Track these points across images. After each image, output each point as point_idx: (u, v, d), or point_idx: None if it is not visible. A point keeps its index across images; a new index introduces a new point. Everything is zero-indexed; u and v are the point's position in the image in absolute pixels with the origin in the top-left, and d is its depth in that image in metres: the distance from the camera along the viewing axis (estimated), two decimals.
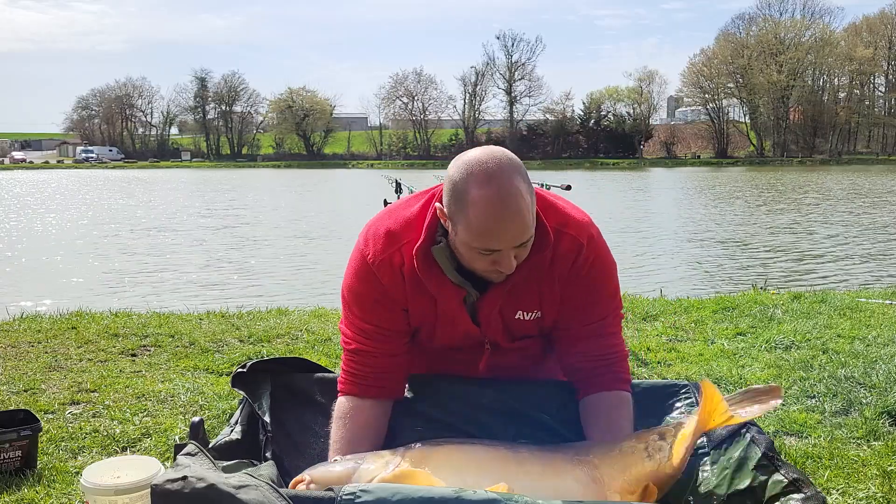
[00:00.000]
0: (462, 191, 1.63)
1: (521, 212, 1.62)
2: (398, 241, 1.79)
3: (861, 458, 2.71)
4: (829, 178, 41.92)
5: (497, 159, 1.64)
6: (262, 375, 1.98)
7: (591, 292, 1.85)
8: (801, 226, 17.82)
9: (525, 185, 1.64)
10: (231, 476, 1.36)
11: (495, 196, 1.60)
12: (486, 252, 1.66)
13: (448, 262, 1.76)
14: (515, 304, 1.84)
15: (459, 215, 1.64)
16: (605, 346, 1.88)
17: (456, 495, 1.30)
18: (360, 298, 1.85)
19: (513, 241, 1.64)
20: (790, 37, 78.46)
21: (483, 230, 1.61)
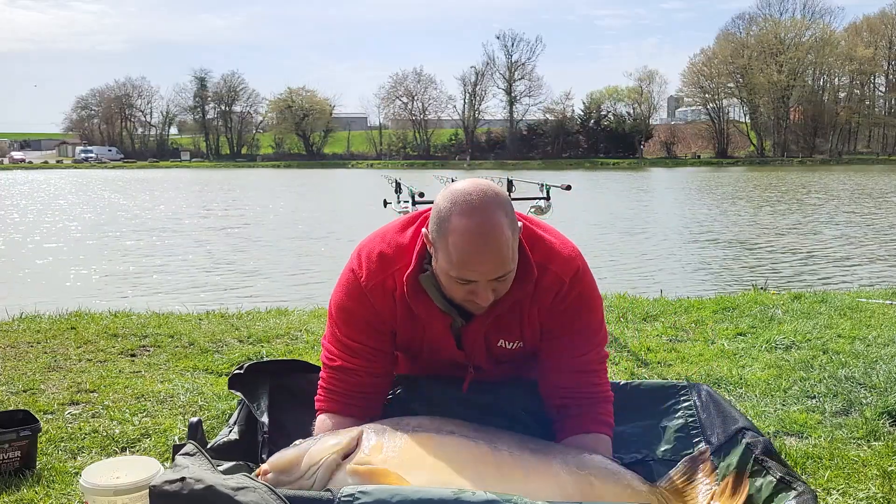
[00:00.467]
0: (444, 219, 1.65)
1: (500, 247, 1.62)
2: (391, 265, 1.81)
3: (861, 459, 2.71)
4: (831, 178, 41.92)
5: (482, 192, 1.66)
6: (259, 377, 1.98)
7: (573, 327, 1.84)
8: (803, 226, 17.82)
9: (507, 221, 1.65)
10: (229, 477, 1.36)
11: (475, 228, 1.61)
12: (463, 282, 1.67)
13: (435, 289, 1.77)
14: (498, 332, 1.85)
15: (440, 243, 1.66)
16: (587, 384, 1.86)
17: (455, 497, 1.30)
18: (350, 317, 1.85)
19: (489, 274, 1.65)
20: (790, 37, 78.46)
21: (460, 260, 1.63)
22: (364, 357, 1.85)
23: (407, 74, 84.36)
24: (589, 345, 1.88)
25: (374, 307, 1.83)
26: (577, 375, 1.86)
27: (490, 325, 1.82)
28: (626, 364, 4.01)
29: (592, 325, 1.89)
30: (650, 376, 3.82)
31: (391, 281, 1.81)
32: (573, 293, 1.82)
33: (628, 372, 3.88)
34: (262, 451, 1.82)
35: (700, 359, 4.09)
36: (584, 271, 1.87)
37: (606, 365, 1.95)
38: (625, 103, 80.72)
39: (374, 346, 1.86)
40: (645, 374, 3.86)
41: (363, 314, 1.84)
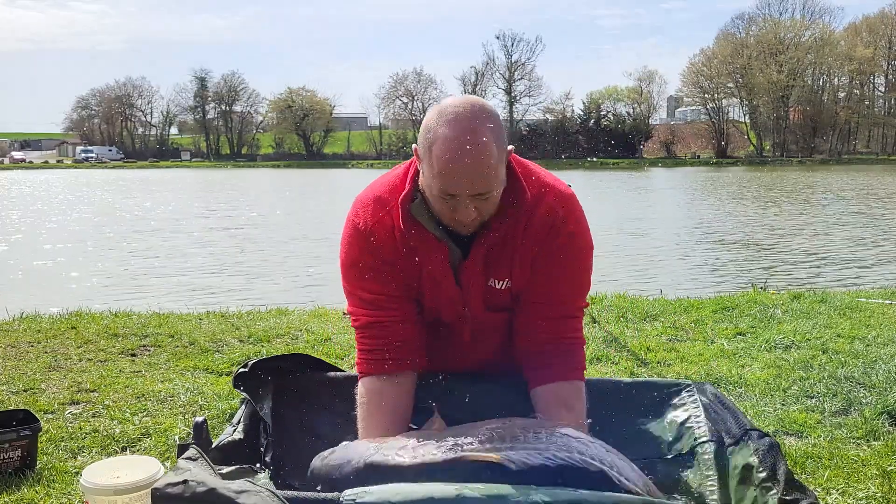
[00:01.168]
0: (430, 129, 1.63)
1: (482, 160, 1.59)
2: (387, 204, 1.79)
3: (861, 458, 2.71)
4: (831, 178, 41.91)
5: (471, 106, 1.64)
6: (264, 375, 1.97)
7: (562, 266, 1.80)
8: (803, 226, 17.82)
9: (493, 137, 1.62)
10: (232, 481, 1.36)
11: (458, 138, 1.58)
12: (446, 197, 1.64)
13: (427, 216, 1.74)
14: (489, 271, 1.81)
15: (426, 155, 1.64)
16: (564, 329, 1.83)
17: (457, 493, 1.30)
18: (359, 268, 1.82)
19: (469, 187, 1.62)
20: (790, 37, 78.47)
21: (441, 171, 1.60)
22: (384, 307, 1.81)
23: (407, 74, 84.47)
24: (575, 290, 1.85)
25: (377, 249, 1.79)
26: (559, 321, 1.82)
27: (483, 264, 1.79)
28: (626, 364, 4.01)
29: (581, 269, 1.85)
30: (650, 376, 3.82)
31: (388, 219, 1.78)
32: (566, 229, 1.79)
33: (628, 372, 3.89)
34: (266, 452, 1.82)
35: (700, 358, 4.10)
36: (580, 212, 1.84)
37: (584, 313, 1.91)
38: (624, 103, 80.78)
39: (391, 293, 1.81)
40: (645, 374, 3.86)
41: (370, 261, 1.80)
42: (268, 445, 1.84)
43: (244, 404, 1.91)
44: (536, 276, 1.81)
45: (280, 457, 1.85)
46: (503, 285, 1.83)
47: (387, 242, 1.79)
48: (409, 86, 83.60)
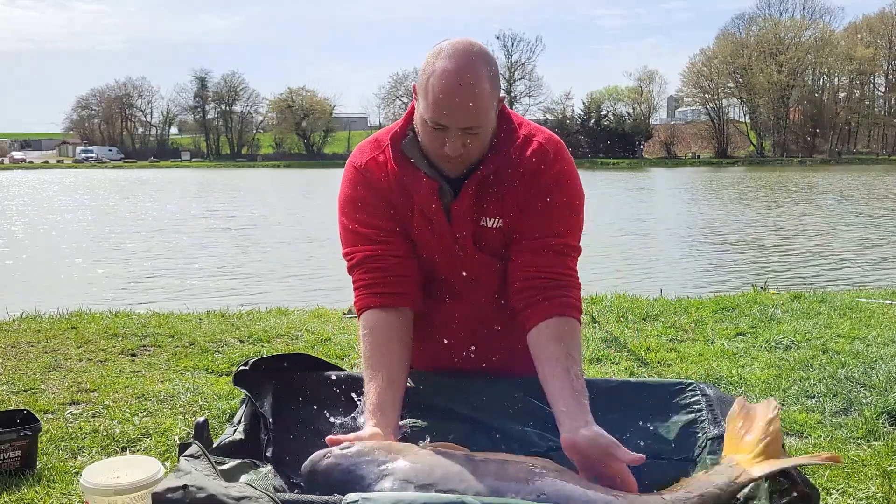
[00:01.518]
0: (429, 62, 1.69)
1: (475, 93, 1.65)
2: (382, 143, 1.86)
3: (861, 458, 2.71)
4: (831, 178, 41.91)
5: (470, 45, 1.70)
6: (264, 373, 1.97)
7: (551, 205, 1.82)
8: (804, 225, 17.82)
9: (487, 74, 1.67)
10: (232, 486, 1.36)
11: (454, 70, 1.64)
12: (437, 128, 1.69)
13: (419, 154, 1.79)
14: (480, 209, 1.82)
15: (422, 87, 1.70)
16: (557, 264, 1.82)
17: (459, 501, 1.29)
18: (355, 205, 1.86)
19: (461, 120, 1.66)
20: (790, 37, 78.49)
21: (435, 101, 1.65)
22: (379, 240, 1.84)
23: (407, 74, 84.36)
24: (565, 226, 1.84)
25: (370, 185, 1.84)
26: (549, 255, 1.81)
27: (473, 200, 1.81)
28: (626, 364, 4.01)
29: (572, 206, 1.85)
30: (650, 376, 3.82)
31: (382, 156, 1.84)
32: (556, 168, 1.82)
33: (628, 372, 3.89)
34: (266, 449, 1.82)
35: (700, 358, 4.10)
36: (568, 156, 1.87)
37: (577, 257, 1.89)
38: (625, 103, 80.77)
39: (385, 228, 1.84)
40: (645, 374, 3.87)
41: (365, 195, 1.85)
42: (268, 440, 1.83)
43: (244, 404, 1.91)
44: (527, 212, 1.83)
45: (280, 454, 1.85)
46: (495, 223, 1.84)
47: (381, 178, 1.84)
48: (409, 86, 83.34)
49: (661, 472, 1.83)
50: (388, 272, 1.83)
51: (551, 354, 1.71)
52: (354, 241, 1.87)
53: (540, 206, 1.82)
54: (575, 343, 1.76)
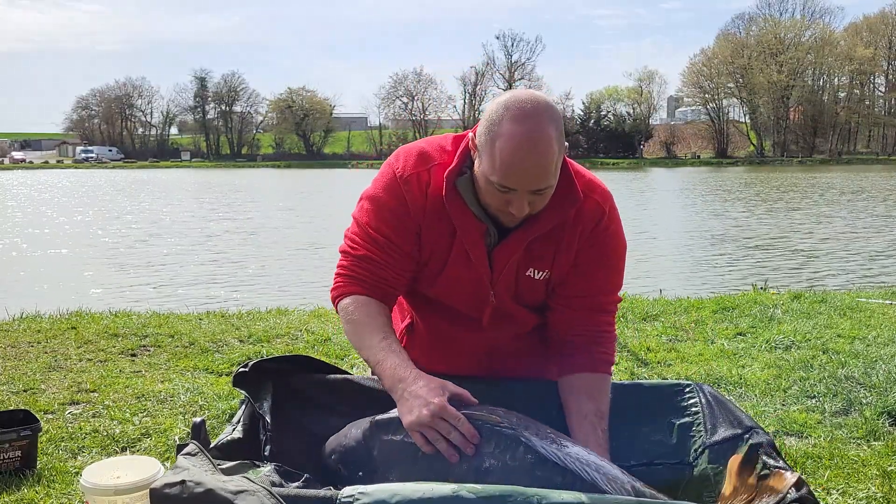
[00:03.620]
0: (495, 122, 1.65)
1: (546, 157, 1.63)
2: (429, 160, 1.81)
3: (861, 458, 2.71)
4: (832, 177, 41.90)
5: (536, 102, 1.66)
6: (264, 375, 1.97)
7: (602, 262, 1.85)
8: (804, 225, 17.82)
9: (556, 135, 1.65)
10: (229, 481, 1.36)
11: (525, 134, 1.61)
12: (503, 189, 1.66)
13: (471, 194, 1.76)
14: (529, 259, 1.83)
15: (487, 146, 1.66)
16: (600, 321, 1.87)
17: (454, 493, 1.29)
18: (380, 208, 1.83)
19: (531, 184, 1.65)
20: (790, 37, 78.47)
21: (505, 165, 1.63)
22: (386, 251, 1.82)
23: (407, 74, 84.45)
24: (612, 284, 1.89)
25: (405, 198, 1.80)
26: (595, 314, 1.87)
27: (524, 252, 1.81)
28: (626, 364, 4.01)
29: (619, 265, 1.90)
30: (650, 376, 3.82)
31: (426, 175, 1.80)
32: (611, 226, 1.84)
33: (628, 372, 3.89)
34: (264, 449, 1.82)
35: (700, 359, 4.10)
36: (617, 212, 1.89)
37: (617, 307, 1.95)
38: (625, 103, 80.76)
39: (399, 244, 1.82)
40: (645, 374, 3.87)
41: (394, 205, 1.81)
42: (267, 440, 1.83)
43: (244, 404, 1.91)
44: (577, 268, 1.85)
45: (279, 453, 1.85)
46: (542, 276, 1.85)
47: (417, 197, 1.81)
48: (409, 86, 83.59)
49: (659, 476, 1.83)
50: (382, 277, 1.83)
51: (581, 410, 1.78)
52: (364, 237, 1.85)
53: (590, 264, 1.84)
54: (606, 399, 1.82)
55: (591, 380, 1.82)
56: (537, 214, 1.75)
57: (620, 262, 1.90)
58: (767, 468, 1.57)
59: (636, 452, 1.85)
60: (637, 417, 1.99)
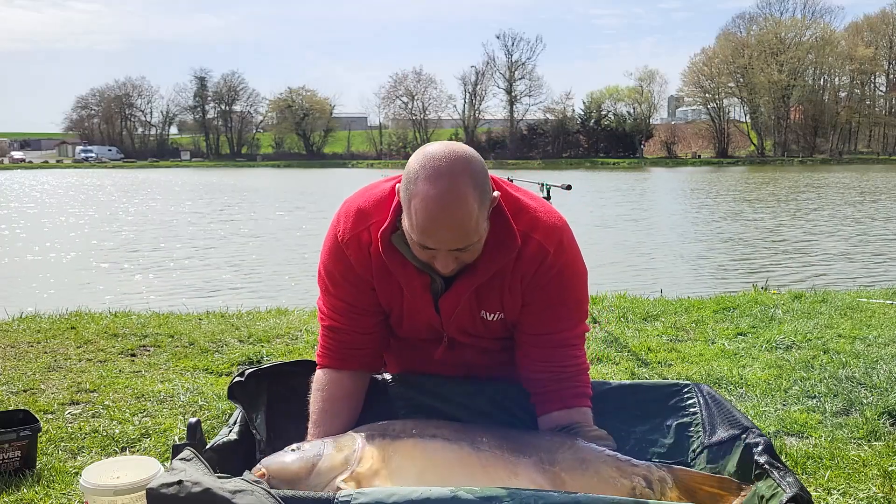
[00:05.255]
0: (411, 181, 1.62)
1: (462, 218, 1.58)
2: (367, 219, 1.80)
3: (862, 459, 2.71)
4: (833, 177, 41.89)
5: (452, 159, 1.60)
6: (260, 385, 1.97)
7: (555, 300, 1.81)
8: (805, 225, 17.81)
9: (474, 192, 1.59)
10: (227, 480, 1.35)
11: (437, 196, 1.57)
12: (424, 248, 1.66)
13: (408, 248, 1.75)
14: (479, 303, 1.82)
15: (406, 204, 1.64)
16: (565, 357, 1.85)
17: (452, 495, 1.30)
18: (331, 275, 1.87)
19: (448, 244, 1.62)
20: (791, 36, 78.41)
21: (419, 227, 1.60)
22: (349, 316, 1.87)
23: (407, 74, 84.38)
24: (571, 319, 1.85)
25: (349, 261, 1.82)
26: (557, 350, 1.84)
27: (471, 298, 1.80)
28: (627, 364, 4.01)
29: (575, 299, 1.85)
30: (650, 376, 3.82)
31: (366, 235, 1.79)
32: (558, 264, 1.79)
33: (628, 372, 3.88)
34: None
35: (700, 359, 4.09)
36: (570, 242, 1.83)
37: (585, 338, 1.92)
38: (625, 103, 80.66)
39: (357, 305, 1.86)
40: (645, 374, 3.86)
41: (342, 271, 1.84)
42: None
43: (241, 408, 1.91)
44: (530, 308, 1.82)
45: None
46: (496, 317, 1.85)
47: (361, 258, 1.81)
48: (409, 85, 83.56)
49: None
50: (351, 344, 1.88)
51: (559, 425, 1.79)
52: (329, 305, 1.91)
53: (543, 304, 1.81)
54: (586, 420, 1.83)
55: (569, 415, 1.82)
56: (475, 262, 1.73)
57: (578, 294, 1.86)
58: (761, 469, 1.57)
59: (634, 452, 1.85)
60: (635, 417, 1.99)
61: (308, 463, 1.58)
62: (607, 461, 1.68)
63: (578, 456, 1.67)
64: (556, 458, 1.66)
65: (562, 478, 1.62)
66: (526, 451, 1.67)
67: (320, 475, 1.56)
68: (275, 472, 1.55)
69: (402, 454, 1.60)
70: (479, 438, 1.67)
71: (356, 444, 1.63)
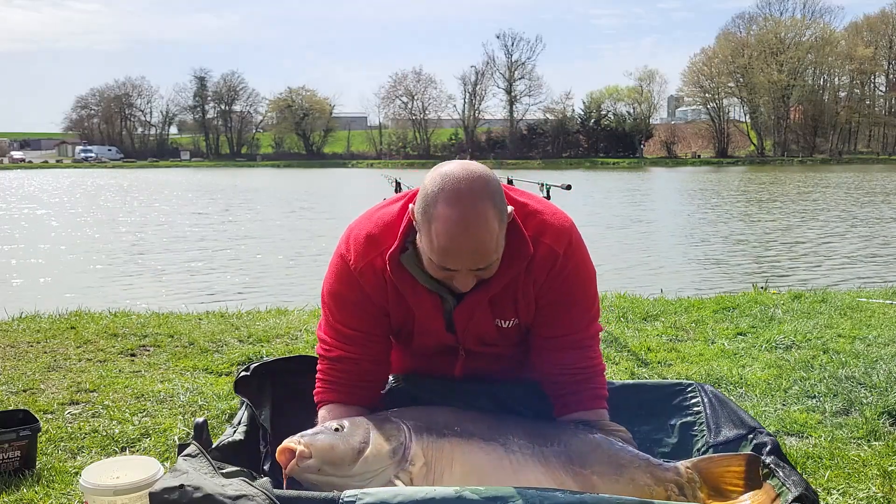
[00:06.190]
0: (430, 204, 1.61)
1: (484, 240, 1.59)
2: (379, 245, 1.78)
3: (861, 459, 2.71)
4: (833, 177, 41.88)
5: (471, 180, 1.61)
6: (265, 379, 1.97)
7: (567, 301, 1.83)
8: (805, 225, 17.81)
9: (494, 212, 1.61)
10: (228, 483, 1.35)
11: (459, 219, 1.57)
12: (444, 269, 1.66)
13: (418, 269, 1.75)
14: (493, 313, 1.82)
15: (424, 226, 1.63)
16: (581, 358, 1.86)
17: (457, 495, 1.30)
18: (343, 303, 1.84)
19: (470, 265, 1.63)
20: (790, 36, 78.42)
21: (441, 249, 1.60)
22: (360, 344, 1.84)
23: (407, 74, 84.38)
24: (584, 319, 1.87)
25: (364, 290, 1.81)
26: (572, 352, 1.85)
27: (486, 307, 1.81)
28: (627, 364, 4.01)
29: (587, 299, 1.87)
30: (650, 376, 3.81)
31: (380, 261, 1.78)
32: (568, 266, 1.81)
33: (628, 372, 3.88)
34: (265, 461, 1.81)
35: (700, 359, 4.09)
36: (578, 243, 1.85)
37: (599, 338, 1.94)
38: (625, 103, 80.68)
39: (369, 331, 1.84)
40: (645, 374, 3.86)
41: (355, 298, 1.82)
42: (266, 454, 1.82)
43: (244, 405, 1.90)
44: (543, 311, 1.84)
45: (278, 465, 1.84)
46: (511, 324, 1.86)
47: (376, 285, 1.80)
48: (408, 85, 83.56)
49: None
50: (362, 377, 1.85)
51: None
52: (335, 335, 1.88)
53: (556, 306, 1.83)
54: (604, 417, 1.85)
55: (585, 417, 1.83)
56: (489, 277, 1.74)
57: (589, 294, 1.87)
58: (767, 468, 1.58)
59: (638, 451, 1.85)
60: (639, 417, 2.00)
61: (354, 450, 1.58)
62: (641, 466, 1.67)
63: (613, 460, 1.67)
64: (587, 461, 1.66)
65: (593, 481, 1.62)
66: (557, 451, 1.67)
67: (367, 463, 1.56)
68: (320, 452, 1.55)
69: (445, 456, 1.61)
70: (510, 438, 1.67)
71: (402, 435, 1.62)
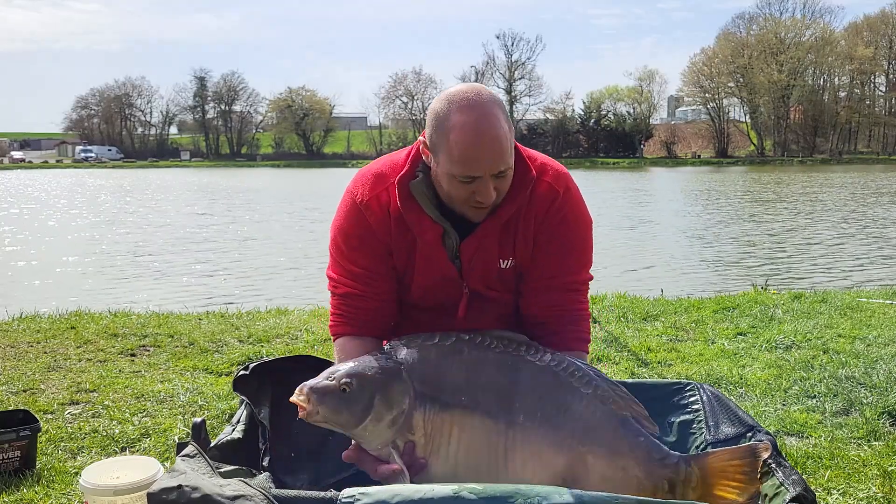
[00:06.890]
0: (443, 118, 1.69)
1: (500, 138, 1.68)
2: (386, 180, 1.84)
3: (861, 459, 2.71)
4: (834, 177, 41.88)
5: (477, 91, 1.72)
6: (264, 377, 1.97)
7: (563, 243, 1.87)
8: (805, 225, 17.81)
9: (504, 116, 1.71)
10: (227, 484, 1.35)
11: (475, 122, 1.66)
12: (467, 180, 1.70)
13: (426, 196, 1.80)
14: (494, 251, 1.85)
15: (441, 143, 1.70)
16: (570, 301, 1.89)
17: (455, 494, 1.30)
18: (348, 239, 1.87)
19: (492, 166, 1.68)
20: (790, 36, 78.42)
21: (463, 155, 1.67)
22: (366, 282, 1.87)
23: (407, 74, 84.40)
24: (578, 264, 1.90)
25: (369, 224, 1.84)
26: (562, 293, 1.88)
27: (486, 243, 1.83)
28: (627, 364, 4.01)
29: (582, 244, 1.91)
30: (650, 376, 3.82)
31: (385, 195, 1.83)
32: (565, 207, 1.86)
33: (628, 372, 3.88)
34: (263, 458, 1.81)
35: (700, 359, 4.09)
36: (576, 189, 1.91)
37: (589, 286, 1.97)
38: (625, 103, 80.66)
39: (376, 270, 1.87)
40: (645, 374, 3.86)
41: (360, 234, 1.86)
42: (265, 451, 1.83)
43: (244, 405, 1.91)
44: (539, 252, 1.87)
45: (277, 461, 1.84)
46: (508, 263, 1.88)
47: (380, 218, 1.84)
48: (408, 85, 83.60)
49: None
50: (367, 311, 1.88)
51: None
52: (343, 273, 1.90)
53: (551, 246, 1.86)
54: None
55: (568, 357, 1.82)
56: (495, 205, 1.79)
57: (584, 240, 1.91)
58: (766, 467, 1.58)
59: None
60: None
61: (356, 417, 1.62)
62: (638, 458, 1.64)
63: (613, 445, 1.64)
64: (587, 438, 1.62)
65: (586, 460, 1.61)
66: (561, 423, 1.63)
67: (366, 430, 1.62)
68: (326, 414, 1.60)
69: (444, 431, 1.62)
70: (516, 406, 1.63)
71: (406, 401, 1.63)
